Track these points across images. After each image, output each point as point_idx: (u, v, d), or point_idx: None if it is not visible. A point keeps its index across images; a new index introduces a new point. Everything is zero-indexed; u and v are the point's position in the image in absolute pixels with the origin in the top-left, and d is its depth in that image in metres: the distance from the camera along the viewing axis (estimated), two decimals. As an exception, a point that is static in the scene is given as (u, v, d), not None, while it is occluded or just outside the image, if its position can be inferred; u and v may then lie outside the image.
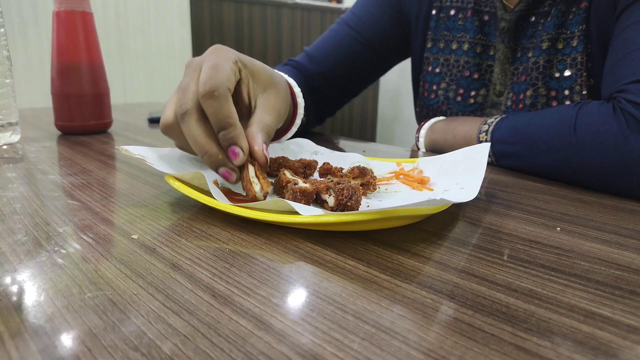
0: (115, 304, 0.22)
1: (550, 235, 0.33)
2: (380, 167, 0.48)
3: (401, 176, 0.45)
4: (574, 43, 0.58)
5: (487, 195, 0.42)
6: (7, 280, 0.24)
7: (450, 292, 0.24)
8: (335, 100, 0.80)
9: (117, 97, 1.98)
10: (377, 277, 0.26)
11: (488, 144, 0.43)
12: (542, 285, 0.25)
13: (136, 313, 0.22)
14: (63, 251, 0.28)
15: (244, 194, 0.37)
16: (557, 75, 0.60)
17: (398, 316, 0.22)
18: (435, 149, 0.65)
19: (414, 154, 0.64)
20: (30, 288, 0.24)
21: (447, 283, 0.25)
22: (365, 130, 3.09)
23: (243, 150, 0.36)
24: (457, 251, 0.30)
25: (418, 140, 0.67)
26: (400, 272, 0.26)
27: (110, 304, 0.22)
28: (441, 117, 0.68)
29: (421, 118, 0.79)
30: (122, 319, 0.21)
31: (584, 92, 0.58)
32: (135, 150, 0.39)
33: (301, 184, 0.35)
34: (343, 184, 0.34)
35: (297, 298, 0.23)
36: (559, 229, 0.34)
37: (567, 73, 0.59)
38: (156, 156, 0.40)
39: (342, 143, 0.70)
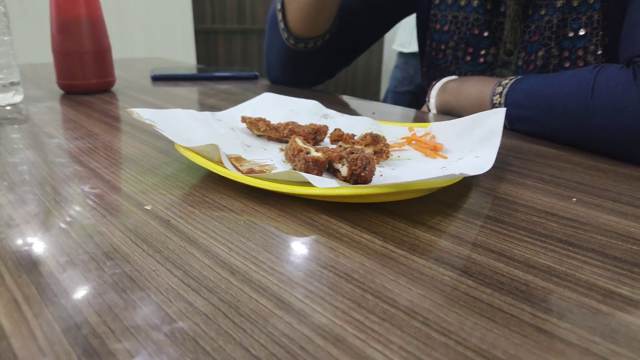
0: (134, 281, 0.22)
1: (567, 207, 0.32)
2: (391, 131, 0.47)
3: (413, 142, 0.44)
4: (591, 0, 0.56)
5: (501, 162, 0.42)
6: (26, 255, 0.24)
7: (468, 268, 0.24)
8: (340, 54, 0.79)
9: (116, 51, 1.93)
10: (393, 253, 0.26)
11: (503, 109, 0.42)
12: (560, 262, 0.25)
13: (155, 291, 0.22)
14: (77, 224, 0.28)
15: (255, 169, 0.36)
16: (570, 34, 0.58)
17: (417, 295, 0.22)
18: (446, 111, 0.64)
19: (425, 116, 0.63)
20: (49, 264, 0.24)
21: (465, 259, 0.25)
22: (369, 82, 3.04)
23: None
24: (473, 224, 0.29)
25: (429, 101, 0.66)
26: (417, 246, 0.26)
27: (129, 281, 0.22)
28: (453, 77, 0.66)
29: (428, 78, 0.77)
30: (142, 297, 0.21)
31: (599, 52, 0.56)
32: (145, 114, 0.38)
33: (313, 152, 0.35)
34: (357, 153, 0.33)
35: (315, 275, 0.23)
36: (574, 199, 0.34)
37: (581, 32, 0.57)
38: (167, 121, 0.39)
39: (351, 103, 0.69)
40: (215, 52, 2.68)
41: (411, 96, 1.37)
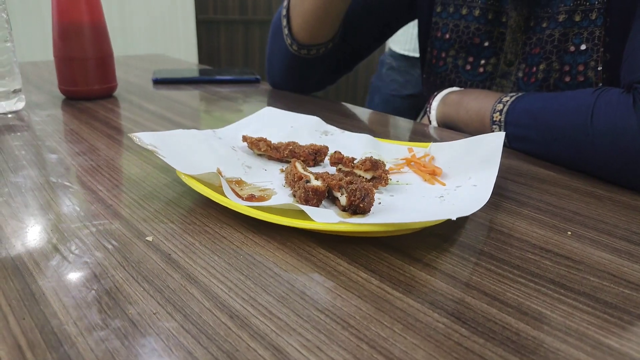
0: (135, 326, 0.23)
1: (561, 242, 0.33)
2: (391, 151, 0.48)
3: (412, 163, 0.44)
4: (593, 16, 0.56)
5: (500, 187, 0.42)
6: (29, 295, 0.25)
7: (462, 314, 0.25)
8: (342, 60, 0.80)
9: (118, 41, 1.93)
10: (389, 295, 0.26)
11: (503, 134, 0.42)
12: (552, 307, 0.26)
13: (156, 337, 0.22)
14: (80, 259, 0.28)
15: (255, 194, 0.37)
16: (572, 49, 0.58)
17: (411, 345, 0.22)
18: (446, 123, 0.64)
19: (425, 129, 0.63)
20: (53, 305, 0.24)
21: (459, 303, 0.26)
22: (370, 76, 3.02)
23: None
24: (468, 261, 0.30)
25: (429, 113, 0.66)
26: (413, 287, 0.27)
27: (131, 326, 0.23)
28: (455, 88, 0.66)
29: (428, 85, 0.77)
30: (143, 344, 0.22)
31: (599, 68, 0.56)
32: (146, 139, 0.39)
33: (313, 181, 0.35)
34: (356, 183, 0.34)
35: (312, 320, 0.24)
36: (570, 233, 0.34)
37: (582, 47, 0.57)
38: (168, 145, 0.39)
39: (352, 113, 0.69)
40: (217, 42, 2.67)
41: (415, 100, 1.37)
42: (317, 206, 0.35)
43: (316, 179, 0.36)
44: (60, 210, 0.34)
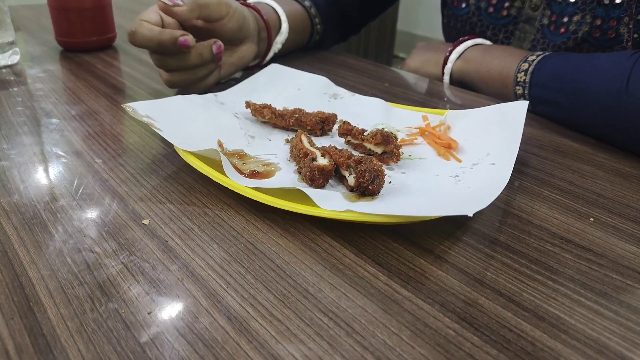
0: (128, 328, 0.22)
1: (583, 230, 0.31)
2: (404, 117, 0.45)
3: (426, 133, 0.42)
4: None
5: (520, 162, 0.39)
6: (19, 289, 0.24)
7: (475, 319, 0.23)
8: (361, 16, 0.76)
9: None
10: (397, 294, 0.25)
11: (526, 103, 0.39)
12: (571, 312, 0.24)
13: (150, 342, 0.21)
14: (73, 245, 0.27)
15: (258, 170, 0.35)
16: (606, 1, 0.53)
17: (419, 356, 0.21)
18: (464, 80, 0.60)
19: (439, 88, 0.60)
20: (43, 301, 0.23)
21: (472, 305, 0.24)
22: (385, 13, 2.88)
23: None
24: (482, 253, 0.28)
25: (445, 65, 0.62)
26: (422, 285, 0.25)
27: (124, 328, 0.22)
28: (477, 40, 0.62)
29: (448, 30, 0.72)
30: (135, 350, 0.21)
31: (631, 26, 0.51)
32: (142, 110, 0.36)
33: (320, 159, 0.33)
34: (365, 163, 0.31)
35: (315, 324, 0.22)
36: (592, 219, 0.32)
37: (617, 0, 0.52)
38: (165, 116, 0.37)
39: (363, 69, 0.65)
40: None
41: None
42: (323, 186, 0.33)
43: (323, 155, 0.34)
44: (54, 187, 0.33)
